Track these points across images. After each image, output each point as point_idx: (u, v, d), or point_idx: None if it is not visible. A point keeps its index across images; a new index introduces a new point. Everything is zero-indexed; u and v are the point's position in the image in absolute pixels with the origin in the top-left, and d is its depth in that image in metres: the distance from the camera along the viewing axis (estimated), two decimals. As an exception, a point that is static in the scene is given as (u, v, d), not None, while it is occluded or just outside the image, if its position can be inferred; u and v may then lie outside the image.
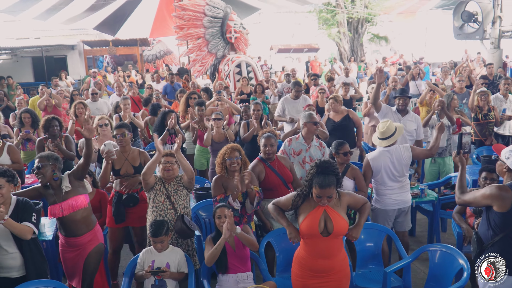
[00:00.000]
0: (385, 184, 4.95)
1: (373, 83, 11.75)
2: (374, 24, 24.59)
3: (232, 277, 4.05)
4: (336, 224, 3.39)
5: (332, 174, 3.38)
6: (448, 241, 5.82)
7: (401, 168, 4.92)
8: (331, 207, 3.44)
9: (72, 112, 7.92)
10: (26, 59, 22.85)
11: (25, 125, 7.48)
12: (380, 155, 4.96)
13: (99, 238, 4.35)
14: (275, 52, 26.93)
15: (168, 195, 4.46)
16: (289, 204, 3.61)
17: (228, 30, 14.48)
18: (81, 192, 4.21)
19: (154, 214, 4.44)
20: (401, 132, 5.03)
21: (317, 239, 3.43)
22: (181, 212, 4.45)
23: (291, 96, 8.57)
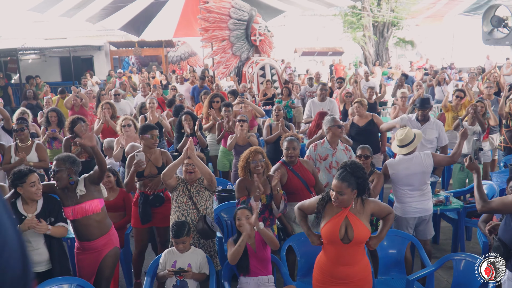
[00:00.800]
0: (406, 191, 4.86)
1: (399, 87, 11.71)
2: (400, 28, 24.35)
3: (253, 280, 4.04)
4: (357, 232, 3.35)
5: (352, 175, 3.37)
6: (473, 250, 5.71)
7: (422, 176, 4.83)
8: (354, 214, 3.41)
9: (99, 112, 8.04)
10: (54, 59, 23.26)
11: (51, 124, 7.59)
12: (400, 162, 4.88)
13: (114, 242, 4.33)
14: (299, 55, 26.88)
15: (191, 196, 4.48)
16: (313, 208, 3.61)
17: (253, 32, 14.51)
18: (96, 196, 4.20)
19: (177, 214, 4.47)
20: (420, 139, 4.94)
21: (338, 246, 3.40)
22: (203, 212, 4.46)
23: (317, 99, 8.60)
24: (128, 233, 5.28)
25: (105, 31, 23.88)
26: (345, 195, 3.35)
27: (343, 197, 3.36)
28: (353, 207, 3.44)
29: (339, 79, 13.50)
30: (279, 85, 13.47)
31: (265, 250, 4.13)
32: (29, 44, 21.33)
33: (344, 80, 13.23)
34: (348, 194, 3.35)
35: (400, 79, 12.64)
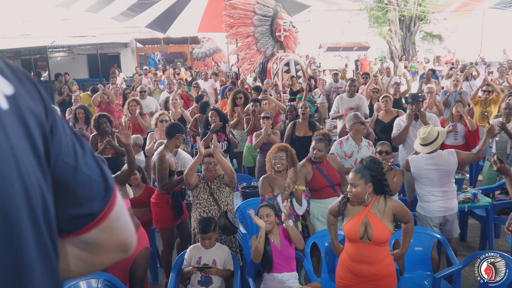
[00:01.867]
0: (429, 190, 4.79)
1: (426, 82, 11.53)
2: (428, 22, 23.94)
3: (277, 277, 4.05)
4: (376, 231, 3.35)
5: (366, 168, 3.44)
6: (502, 248, 5.61)
7: (445, 174, 4.74)
8: (374, 213, 3.42)
9: (125, 108, 8.15)
10: (82, 56, 23.64)
11: (79, 121, 7.70)
12: (422, 160, 4.81)
13: (143, 242, 4.30)
14: (324, 50, 26.69)
15: (211, 192, 4.53)
16: (336, 207, 3.64)
17: (278, 28, 14.47)
18: (122, 196, 4.22)
19: (198, 210, 4.52)
20: (443, 137, 4.87)
21: (359, 244, 3.43)
22: (224, 209, 4.50)
23: (346, 95, 8.52)
24: (153, 229, 5.34)
25: (131, 28, 24.15)
26: (358, 187, 3.38)
27: (356, 190, 3.40)
28: (374, 206, 3.44)
29: (364, 74, 13.39)
30: (304, 81, 13.41)
31: (290, 247, 4.13)
32: (58, 42, 21.71)
33: (369, 75, 13.11)
34: (361, 186, 3.38)
35: (426, 73, 12.45)
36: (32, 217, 0.79)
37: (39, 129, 0.83)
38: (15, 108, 0.79)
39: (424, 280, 4.47)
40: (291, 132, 6.80)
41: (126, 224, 1.00)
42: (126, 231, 1.00)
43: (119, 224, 0.97)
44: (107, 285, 3.78)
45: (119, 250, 1.00)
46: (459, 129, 7.10)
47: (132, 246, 1.03)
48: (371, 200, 3.49)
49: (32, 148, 0.80)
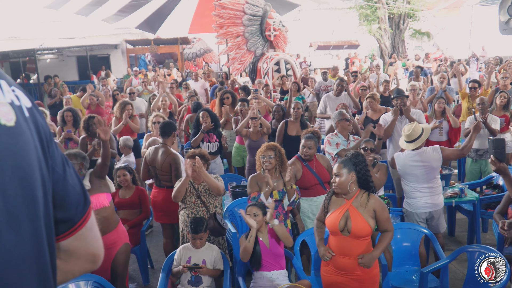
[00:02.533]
0: (415, 186, 4.85)
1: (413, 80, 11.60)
2: (417, 19, 24.06)
3: (266, 275, 4.08)
4: (355, 225, 3.42)
5: (350, 160, 3.56)
6: (489, 242, 5.67)
7: (430, 171, 4.80)
8: (356, 207, 3.49)
9: (119, 110, 8.07)
10: (71, 58, 23.53)
11: (67, 124, 7.64)
12: (408, 157, 4.87)
13: (123, 238, 4.37)
14: (315, 49, 26.76)
15: (199, 195, 4.56)
16: (322, 206, 3.72)
17: (267, 28, 14.51)
18: (103, 190, 4.23)
19: (186, 212, 4.55)
20: (428, 133, 4.92)
21: (340, 237, 3.51)
22: (212, 210, 4.53)
23: (333, 93, 8.56)
24: (143, 230, 5.36)
25: (121, 29, 24.08)
26: (341, 176, 3.47)
27: (340, 179, 3.48)
28: (356, 201, 3.50)
29: (353, 72, 13.46)
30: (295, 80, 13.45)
31: (279, 245, 4.16)
32: (47, 44, 21.61)
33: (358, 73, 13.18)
34: (345, 176, 3.48)
35: (415, 71, 12.53)
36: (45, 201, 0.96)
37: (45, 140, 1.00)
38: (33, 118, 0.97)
39: (413, 275, 4.53)
40: (283, 131, 6.84)
41: (97, 235, 1.15)
42: (97, 241, 1.15)
43: (92, 234, 1.12)
44: (96, 287, 3.80)
45: (89, 260, 1.13)
46: (443, 125, 7.17)
47: (101, 257, 1.16)
48: (354, 193, 3.54)
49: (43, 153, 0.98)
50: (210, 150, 6.75)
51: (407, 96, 6.80)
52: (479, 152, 6.71)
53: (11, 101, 0.93)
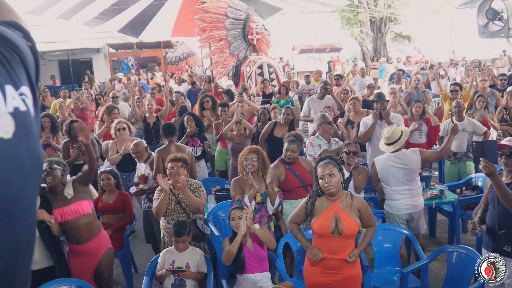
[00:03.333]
0: (395, 189, 4.93)
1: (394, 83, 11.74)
2: (398, 23, 24.32)
3: (250, 277, 4.11)
4: (346, 226, 3.47)
5: (331, 158, 3.60)
6: (469, 242, 5.78)
7: (410, 173, 4.89)
8: (343, 208, 3.54)
9: (104, 115, 8.02)
10: (53, 62, 23.34)
11: (45, 130, 7.50)
12: (387, 161, 4.95)
13: (106, 243, 4.37)
14: (298, 52, 26.90)
15: (179, 201, 4.56)
16: (302, 211, 3.70)
17: (250, 31, 14.57)
18: (84, 197, 4.22)
19: (167, 219, 4.56)
20: (407, 136, 5.01)
21: (329, 239, 3.53)
22: (192, 217, 4.55)
23: (317, 96, 8.63)
24: (127, 235, 5.36)
25: (104, 33, 23.93)
26: (335, 175, 3.50)
27: (334, 179, 3.50)
28: (342, 202, 3.55)
29: (336, 75, 13.55)
30: (277, 84, 13.52)
31: (262, 248, 4.20)
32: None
33: (341, 77, 13.28)
34: (337, 174, 3.52)
35: (397, 74, 12.68)
36: None
37: None
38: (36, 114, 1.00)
39: (394, 276, 4.61)
40: (270, 131, 6.89)
41: None
42: None
43: None
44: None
45: None
46: (423, 128, 7.30)
47: None
48: (339, 195, 3.60)
49: None
50: (194, 154, 6.77)
51: (387, 100, 6.90)
52: (457, 155, 6.83)
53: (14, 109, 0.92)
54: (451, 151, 6.80)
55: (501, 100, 8.85)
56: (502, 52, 18.57)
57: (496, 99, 8.89)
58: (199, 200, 4.52)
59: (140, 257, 5.93)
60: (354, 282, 3.66)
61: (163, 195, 4.43)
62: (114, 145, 6.62)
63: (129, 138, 6.53)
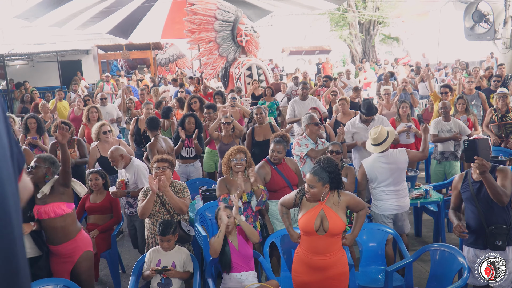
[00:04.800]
0: (382, 189, 4.98)
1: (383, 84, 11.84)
2: (387, 25, 24.51)
3: (235, 276, 4.14)
4: (331, 224, 3.50)
5: (324, 170, 3.56)
6: (453, 241, 5.83)
7: (398, 173, 4.95)
8: (329, 206, 3.56)
9: (85, 116, 8.06)
10: (42, 64, 23.20)
11: (30, 131, 7.42)
12: (375, 161, 4.99)
13: (83, 246, 4.32)
14: (287, 54, 26.99)
15: (163, 203, 4.58)
16: (291, 201, 3.77)
17: (239, 33, 14.62)
18: (63, 199, 4.18)
19: (151, 220, 4.57)
20: (393, 136, 5.06)
21: (314, 237, 3.56)
22: (177, 218, 4.56)
23: (299, 97, 8.69)
24: (114, 235, 5.36)
25: (93, 35, 23.84)
26: (315, 188, 3.52)
27: (313, 190, 3.53)
28: (329, 200, 3.58)
29: (325, 77, 13.63)
30: (266, 85, 13.58)
31: (248, 247, 4.23)
32: (16, 50, 21.26)
33: (330, 78, 13.36)
34: (319, 188, 3.52)
35: (385, 75, 12.78)
36: None
37: None
38: None
39: (379, 274, 4.65)
40: (251, 138, 6.93)
41: None
42: None
43: None
44: (65, 291, 3.81)
45: None
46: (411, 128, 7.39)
47: None
48: (326, 195, 3.63)
49: None
50: (189, 155, 6.81)
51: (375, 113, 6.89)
52: (445, 154, 6.92)
53: None
54: (438, 150, 6.92)
55: (486, 102, 8.97)
56: (490, 54, 18.76)
57: (481, 101, 8.99)
58: (182, 201, 4.52)
59: (128, 257, 5.94)
60: (341, 281, 3.69)
61: (151, 196, 4.42)
62: (96, 148, 6.52)
63: (112, 141, 6.55)
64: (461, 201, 4.14)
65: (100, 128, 6.57)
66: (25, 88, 15.50)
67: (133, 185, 5.30)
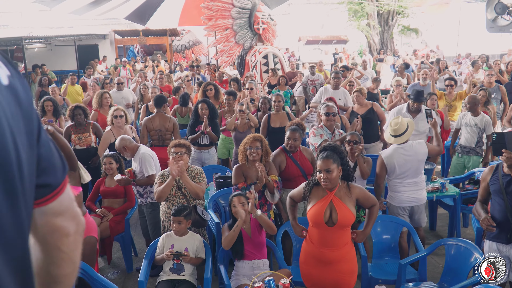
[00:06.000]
0: (400, 181, 4.90)
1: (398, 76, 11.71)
2: (406, 16, 24.16)
3: (248, 263, 4.14)
4: (340, 215, 3.45)
5: (334, 152, 3.52)
6: (469, 236, 5.78)
7: (416, 165, 4.87)
8: (339, 198, 3.51)
9: (97, 101, 8.04)
10: (59, 47, 23.33)
11: (47, 113, 7.52)
12: (394, 153, 4.90)
13: (86, 231, 4.23)
14: (304, 43, 26.81)
15: (179, 187, 4.58)
16: (301, 194, 3.72)
17: (256, 21, 14.51)
18: (71, 183, 4.02)
19: (167, 204, 4.58)
20: (413, 128, 4.99)
21: (322, 229, 3.51)
22: (193, 203, 4.56)
23: (331, 86, 8.57)
24: (128, 219, 5.39)
25: (110, 19, 23.91)
26: (333, 172, 3.45)
27: (331, 175, 3.45)
28: (338, 191, 3.53)
29: (342, 67, 13.51)
30: (283, 74, 13.50)
31: (260, 235, 4.22)
32: (35, 33, 21.40)
33: (347, 68, 13.24)
34: (335, 171, 3.47)
35: (399, 67, 12.63)
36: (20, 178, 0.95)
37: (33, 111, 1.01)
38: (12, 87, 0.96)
39: (391, 267, 4.61)
40: (267, 124, 6.89)
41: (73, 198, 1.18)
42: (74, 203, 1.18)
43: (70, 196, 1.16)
44: (79, 272, 3.82)
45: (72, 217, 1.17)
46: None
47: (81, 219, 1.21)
48: (337, 185, 3.57)
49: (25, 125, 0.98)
50: (204, 142, 6.79)
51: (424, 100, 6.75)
52: (465, 148, 6.80)
53: None
54: (460, 144, 6.80)
55: (506, 96, 8.82)
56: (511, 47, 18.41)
57: (502, 94, 8.85)
58: (198, 186, 4.54)
59: (141, 241, 5.96)
60: (349, 276, 3.65)
61: (170, 180, 4.45)
62: (110, 132, 6.55)
63: (125, 127, 6.59)
64: (489, 194, 4.07)
65: (113, 113, 6.62)
66: (43, 72, 15.57)
67: (140, 174, 5.21)
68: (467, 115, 6.80)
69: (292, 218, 3.88)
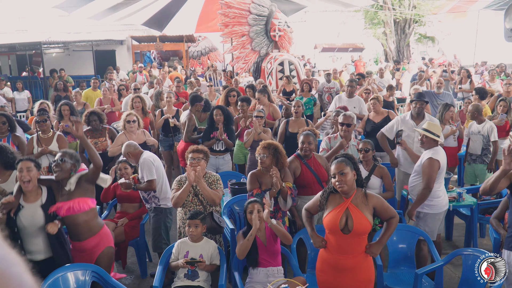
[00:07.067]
0: (439, 185, 4.82)
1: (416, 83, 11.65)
2: (423, 24, 24.04)
3: (262, 271, 4.13)
4: (356, 223, 3.42)
5: (346, 157, 3.53)
6: (486, 247, 5.70)
7: (444, 170, 4.86)
8: (355, 205, 3.47)
9: (130, 106, 8.14)
10: (77, 53, 23.60)
11: (64, 118, 7.53)
12: (441, 153, 4.82)
13: (106, 242, 4.23)
14: (319, 51, 26.79)
15: (196, 193, 4.60)
16: (317, 203, 3.70)
17: (272, 28, 14.53)
18: (88, 195, 4.10)
19: (184, 210, 4.60)
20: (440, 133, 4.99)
21: (338, 236, 3.48)
22: (209, 209, 4.57)
23: (345, 94, 8.55)
24: (143, 224, 5.41)
25: (127, 25, 24.13)
26: (347, 174, 3.43)
27: (346, 177, 3.42)
28: (355, 199, 3.50)
29: (358, 75, 13.48)
30: (298, 81, 13.49)
31: (276, 243, 4.21)
32: (53, 38, 21.69)
33: (363, 76, 13.20)
34: (350, 174, 3.45)
35: (419, 75, 12.57)
36: None
37: None
38: None
39: (407, 277, 4.57)
40: (285, 129, 6.92)
41: None
42: None
43: None
44: (94, 276, 3.85)
45: None
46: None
47: None
48: (353, 191, 3.54)
49: None
50: (219, 148, 6.81)
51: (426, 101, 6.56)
52: (472, 156, 6.86)
53: None
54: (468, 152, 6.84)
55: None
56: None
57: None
58: (215, 192, 4.55)
59: (155, 247, 5.97)
60: (365, 285, 3.61)
61: (186, 186, 4.47)
62: (123, 136, 6.59)
63: (138, 131, 6.68)
64: None
65: (126, 117, 6.66)
66: (60, 76, 15.74)
67: (143, 180, 5.20)
68: (474, 124, 6.86)
69: (310, 229, 3.80)
